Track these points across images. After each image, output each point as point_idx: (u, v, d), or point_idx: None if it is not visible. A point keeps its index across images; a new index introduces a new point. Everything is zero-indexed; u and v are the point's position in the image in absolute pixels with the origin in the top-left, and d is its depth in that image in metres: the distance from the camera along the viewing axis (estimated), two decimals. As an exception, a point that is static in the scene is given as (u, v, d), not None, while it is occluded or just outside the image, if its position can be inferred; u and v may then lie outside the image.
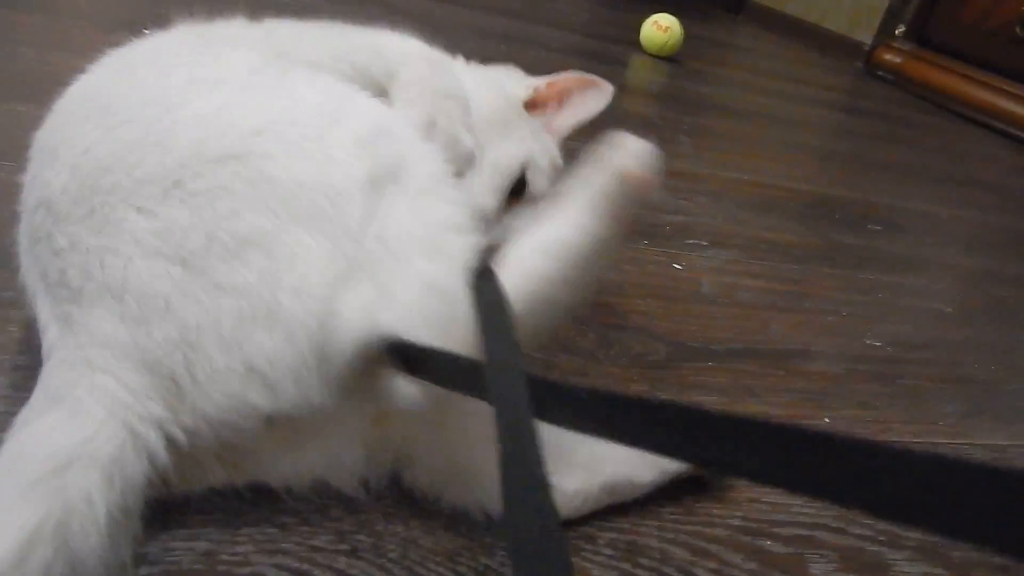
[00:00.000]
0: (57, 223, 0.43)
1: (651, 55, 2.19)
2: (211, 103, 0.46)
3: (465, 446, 0.48)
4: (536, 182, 0.69)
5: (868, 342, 0.90)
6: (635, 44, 2.22)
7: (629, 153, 0.46)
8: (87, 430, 0.38)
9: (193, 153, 0.43)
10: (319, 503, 0.49)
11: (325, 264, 0.42)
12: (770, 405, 0.73)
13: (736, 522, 0.57)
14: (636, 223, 1.04)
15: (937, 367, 0.89)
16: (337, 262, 0.42)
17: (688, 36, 2.20)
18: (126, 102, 0.46)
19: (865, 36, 3.16)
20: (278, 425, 0.43)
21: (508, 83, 0.73)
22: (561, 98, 0.74)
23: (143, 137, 0.44)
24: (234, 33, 0.59)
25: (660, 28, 2.15)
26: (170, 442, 0.40)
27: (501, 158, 0.67)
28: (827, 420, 0.73)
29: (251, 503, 0.48)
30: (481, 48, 1.73)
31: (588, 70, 0.76)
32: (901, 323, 0.98)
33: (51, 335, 0.42)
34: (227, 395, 0.41)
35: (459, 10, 2.07)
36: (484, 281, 0.43)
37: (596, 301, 0.82)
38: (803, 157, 1.72)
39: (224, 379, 0.40)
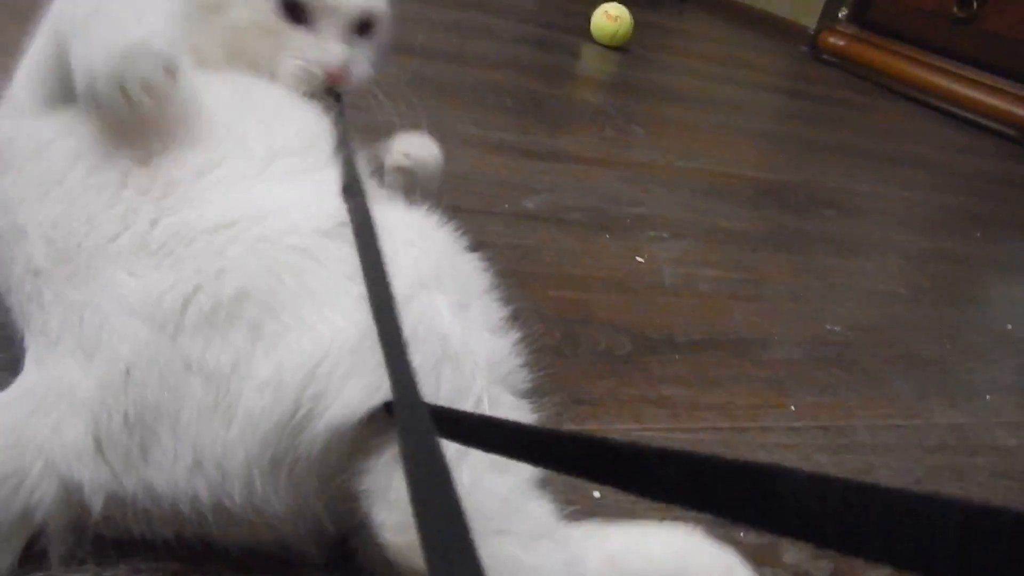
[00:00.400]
0: (46, 283, 0.43)
1: (602, 45, 2.20)
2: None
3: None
4: None
5: (827, 327, 0.92)
6: (585, 33, 2.22)
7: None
8: None
9: (184, 223, 0.42)
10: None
11: (319, 342, 0.40)
12: (734, 395, 0.74)
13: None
14: (597, 216, 1.05)
15: (892, 349, 0.91)
16: (340, 337, 0.40)
17: (637, 24, 2.21)
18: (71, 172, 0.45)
19: (809, 20, 3.21)
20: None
21: None
22: None
23: (111, 205, 0.43)
24: None
25: (610, 17, 2.16)
26: (76, 503, 0.40)
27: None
28: (793, 408, 0.74)
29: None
30: (431, 39, 1.71)
31: (539, 60, 0.76)
32: (855, 306, 1.00)
33: (26, 372, 0.43)
34: (173, 484, 0.39)
35: (407, 3, 2.05)
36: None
37: (560, 296, 0.82)
38: (754, 143, 1.74)
39: (172, 468, 0.39)
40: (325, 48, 0.60)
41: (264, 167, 0.48)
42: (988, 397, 0.86)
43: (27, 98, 0.49)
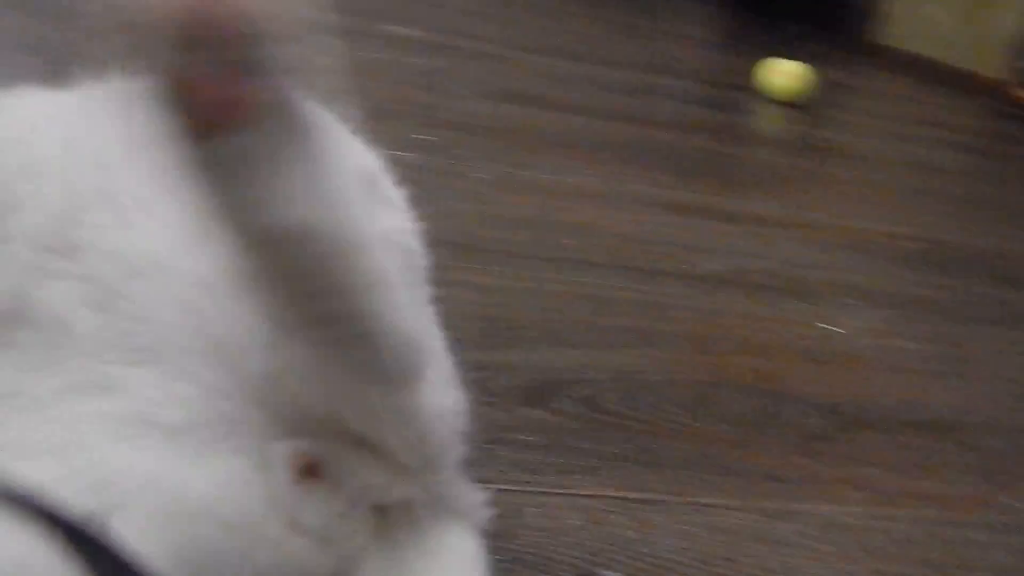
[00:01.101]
0: None
1: (774, 101, 2.14)
2: None
3: None
4: None
5: (1048, 412, 0.83)
6: (755, 90, 2.17)
7: None
8: None
9: None
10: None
11: None
12: (946, 483, 0.67)
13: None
14: (781, 279, 1.00)
15: None
16: None
17: (810, 80, 2.13)
18: None
19: (996, 72, 3.00)
20: None
21: None
22: None
23: None
24: None
25: (782, 74, 2.10)
26: None
27: None
28: (1008, 501, 0.66)
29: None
30: (605, 103, 1.73)
31: (713, 120, 0.74)
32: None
33: None
34: None
35: (580, 65, 2.08)
36: None
37: (748, 364, 0.78)
38: (944, 205, 1.63)
39: None
40: None
41: None
42: None
43: None
